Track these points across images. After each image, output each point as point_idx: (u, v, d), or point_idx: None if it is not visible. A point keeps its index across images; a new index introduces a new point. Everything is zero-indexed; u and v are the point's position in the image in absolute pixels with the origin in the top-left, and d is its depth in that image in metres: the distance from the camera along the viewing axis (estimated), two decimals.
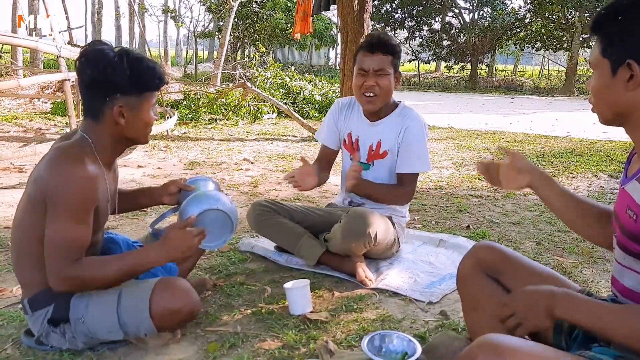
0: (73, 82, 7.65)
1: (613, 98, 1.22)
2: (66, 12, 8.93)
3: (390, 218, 2.68)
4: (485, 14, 29.04)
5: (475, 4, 28.84)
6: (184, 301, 1.79)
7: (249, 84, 8.72)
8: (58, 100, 9.11)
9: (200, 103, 9.74)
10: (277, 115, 10.14)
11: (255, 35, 25.08)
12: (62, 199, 1.60)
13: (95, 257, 1.72)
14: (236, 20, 23.04)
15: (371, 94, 2.57)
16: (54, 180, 1.61)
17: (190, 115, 9.12)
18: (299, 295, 2.15)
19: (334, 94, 10.89)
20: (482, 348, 1.15)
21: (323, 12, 7.99)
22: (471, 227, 3.49)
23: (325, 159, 2.91)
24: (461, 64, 31.53)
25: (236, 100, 9.54)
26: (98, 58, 1.66)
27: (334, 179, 2.93)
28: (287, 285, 2.19)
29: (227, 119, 9.35)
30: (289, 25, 23.36)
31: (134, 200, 2.14)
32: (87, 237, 1.67)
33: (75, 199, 1.61)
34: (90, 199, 1.65)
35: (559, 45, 28.27)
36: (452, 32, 30.24)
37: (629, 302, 1.25)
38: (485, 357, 1.13)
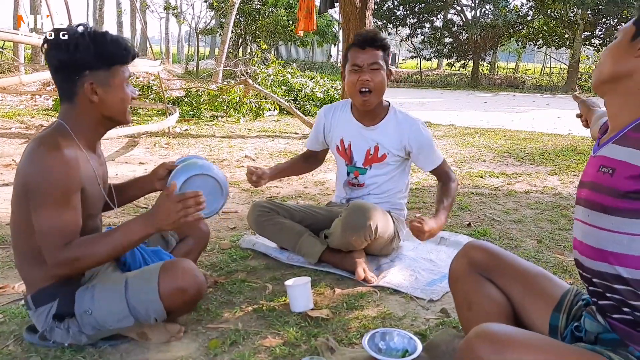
0: None
1: (618, 59, 1.28)
2: (68, 10, 8.94)
3: (389, 213, 2.68)
4: (487, 11, 29.00)
5: (477, 1, 28.80)
6: (191, 279, 1.79)
7: (250, 81, 8.72)
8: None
9: (201, 100, 9.74)
10: (279, 112, 10.14)
11: (257, 32, 25.08)
12: (42, 187, 1.60)
13: (84, 237, 1.69)
14: (238, 17, 23.04)
15: (366, 89, 2.56)
16: (31, 171, 1.61)
17: (191, 112, 9.12)
18: (300, 293, 2.15)
19: (335, 91, 10.89)
20: (480, 337, 1.18)
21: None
22: (472, 224, 3.49)
23: (314, 155, 3.05)
24: (463, 62, 31.50)
25: (238, 97, 9.54)
26: (60, 39, 1.65)
27: (334, 177, 2.95)
28: (288, 282, 2.19)
29: (228, 116, 9.35)
30: (290, 22, 23.36)
31: (126, 193, 2.11)
32: (76, 221, 1.66)
33: (54, 185, 1.59)
34: (71, 184, 1.63)
35: (561, 43, 28.25)
36: (454, 29, 30.19)
37: (595, 263, 1.28)
38: (484, 346, 1.15)
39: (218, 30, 25.80)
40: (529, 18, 28.11)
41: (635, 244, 1.21)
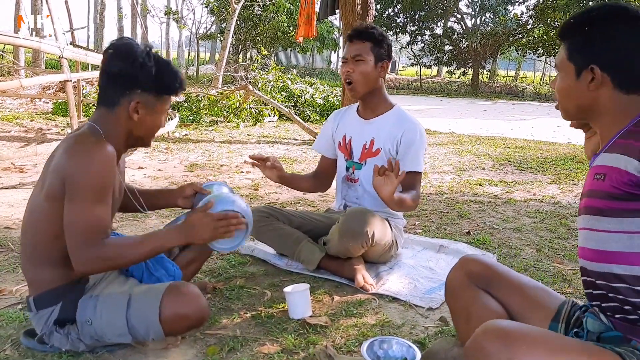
0: (74, 82, 7.67)
1: (576, 97, 1.37)
2: (69, 13, 8.96)
3: (387, 221, 2.68)
4: (487, 20, 29.10)
5: (477, 10, 28.90)
6: (194, 306, 1.78)
7: (250, 87, 8.72)
8: (59, 101, 9.12)
9: (201, 105, 9.74)
10: (279, 118, 10.14)
11: (257, 37, 25.12)
12: (83, 180, 1.61)
13: (119, 239, 1.75)
14: (238, 22, 23.09)
15: (349, 81, 2.62)
16: (74, 165, 1.62)
17: (191, 117, 9.13)
18: (299, 300, 2.15)
19: (335, 98, 10.91)
20: (488, 333, 1.19)
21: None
22: (472, 233, 3.49)
23: (324, 171, 2.94)
24: (463, 69, 31.59)
25: (237, 103, 9.55)
26: (128, 51, 1.69)
27: (334, 183, 2.95)
28: (287, 289, 2.19)
29: (228, 122, 9.35)
30: (291, 28, 23.41)
31: (150, 201, 2.14)
32: (109, 217, 1.69)
33: (95, 179, 1.62)
34: (110, 179, 1.66)
35: None
36: (454, 37, 30.30)
37: (596, 265, 1.32)
38: (492, 341, 1.17)
39: (218, 35, 25.88)
40: (529, 27, 28.18)
41: (636, 241, 1.24)
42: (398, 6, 29.19)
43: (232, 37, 17.55)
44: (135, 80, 1.71)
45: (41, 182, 1.72)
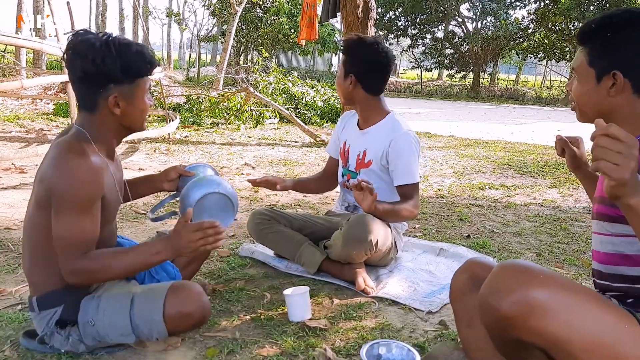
0: None
1: (596, 102, 1.38)
2: (70, 14, 8.97)
3: (388, 224, 2.67)
4: (488, 24, 29.12)
5: (478, 14, 28.92)
6: (197, 305, 1.78)
7: (251, 89, 8.73)
8: (60, 102, 9.12)
9: (202, 107, 9.75)
10: (279, 120, 10.15)
11: (259, 40, 25.16)
12: (68, 193, 1.60)
13: (105, 251, 1.72)
14: (240, 24, 23.12)
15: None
16: (58, 176, 1.61)
17: (192, 119, 9.13)
18: (299, 302, 2.15)
19: (336, 100, 10.91)
20: (504, 268, 1.28)
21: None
22: (472, 236, 3.49)
23: (331, 170, 2.96)
24: (463, 73, 31.61)
25: (238, 105, 9.55)
26: (86, 50, 1.62)
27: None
28: (287, 291, 2.18)
29: (228, 123, 9.36)
30: (292, 30, 23.42)
31: (136, 190, 2.13)
32: (96, 229, 1.67)
33: (80, 192, 1.60)
34: (95, 192, 1.64)
35: (561, 56, 28.35)
36: (455, 40, 30.31)
37: (611, 268, 1.39)
38: (507, 275, 1.25)
39: (220, 37, 25.90)
40: (529, 31, 28.21)
41: None
42: (399, 9, 29.20)
43: (234, 39, 17.57)
44: (104, 77, 1.65)
45: (33, 189, 1.72)
